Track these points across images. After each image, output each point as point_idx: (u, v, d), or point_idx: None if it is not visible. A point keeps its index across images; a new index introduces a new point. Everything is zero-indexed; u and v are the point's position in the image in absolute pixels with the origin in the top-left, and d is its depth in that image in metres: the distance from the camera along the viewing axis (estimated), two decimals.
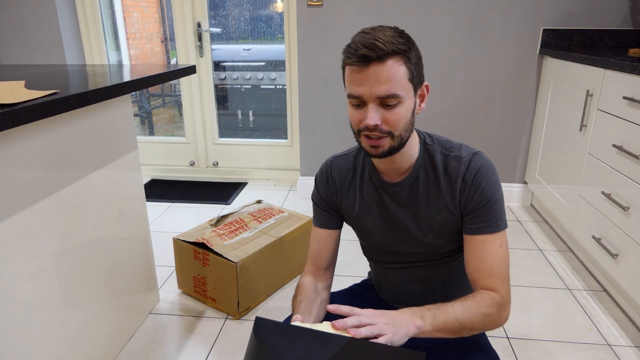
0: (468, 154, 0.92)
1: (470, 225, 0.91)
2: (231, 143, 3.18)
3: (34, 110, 0.90)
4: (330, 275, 1.09)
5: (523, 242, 2.24)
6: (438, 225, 0.95)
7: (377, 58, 0.80)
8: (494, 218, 0.90)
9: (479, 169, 0.90)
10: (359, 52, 0.80)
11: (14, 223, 1.04)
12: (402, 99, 0.83)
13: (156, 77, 1.41)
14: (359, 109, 0.85)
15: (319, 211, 1.07)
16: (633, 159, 1.55)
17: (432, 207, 0.94)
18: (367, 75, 0.81)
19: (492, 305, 0.85)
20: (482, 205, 0.89)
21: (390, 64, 0.81)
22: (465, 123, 2.60)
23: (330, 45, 2.53)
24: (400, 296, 1.09)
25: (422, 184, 0.94)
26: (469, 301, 0.85)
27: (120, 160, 1.47)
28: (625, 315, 1.69)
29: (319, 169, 1.07)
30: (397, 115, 0.84)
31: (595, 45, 2.39)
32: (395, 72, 0.81)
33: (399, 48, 0.81)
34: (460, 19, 2.43)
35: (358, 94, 0.83)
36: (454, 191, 0.91)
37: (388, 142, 0.86)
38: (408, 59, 0.83)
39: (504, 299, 0.87)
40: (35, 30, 2.77)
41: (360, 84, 0.82)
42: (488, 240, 0.89)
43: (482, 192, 0.89)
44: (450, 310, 0.82)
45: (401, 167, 0.94)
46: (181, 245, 1.76)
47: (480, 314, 0.83)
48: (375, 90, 0.81)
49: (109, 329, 1.45)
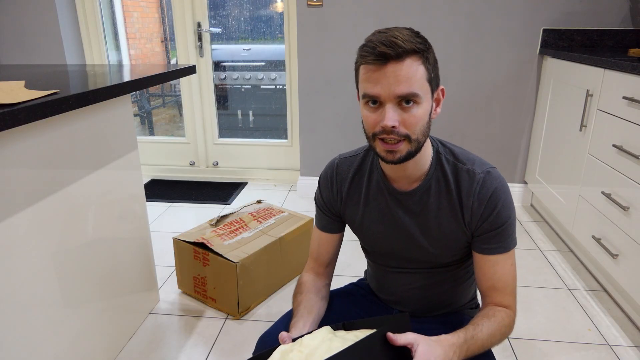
0: (481, 170, 0.90)
1: (482, 245, 0.91)
2: (231, 143, 3.18)
3: (34, 110, 0.90)
4: (331, 272, 1.10)
5: (523, 242, 2.24)
6: (446, 238, 0.93)
7: (396, 56, 0.77)
8: (507, 239, 0.90)
9: (495, 190, 0.88)
10: (377, 49, 0.77)
11: (14, 223, 1.04)
12: (420, 100, 0.80)
13: (156, 77, 1.41)
14: (374, 110, 0.82)
15: (321, 214, 1.06)
16: (633, 159, 1.55)
17: (442, 220, 0.92)
18: (385, 74, 0.78)
19: (509, 325, 0.89)
20: (497, 227, 0.89)
21: (408, 63, 0.78)
22: (465, 123, 2.60)
23: (330, 45, 2.53)
24: (399, 298, 1.08)
25: (434, 196, 0.92)
26: (492, 323, 0.86)
27: (120, 160, 1.47)
28: (625, 315, 1.68)
29: (323, 170, 1.05)
30: (415, 117, 0.80)
31: (595, 45, 2.38)
32: (414, 71, 0.78)
33: (418, 47, 0.79)
34: (460, 19, 2.43)
35: (375, 93, 0.80)
36: (466, 208, 0.90)
37: (405, 147, 0.82)
38: (426, 59, 0.81)
39: (515, 315, 0.92)
40: (35, 30, 2.77)
41: (378, 82, 0.79)
42: (501, 260, 0.90)
43: (498, 215, 0.88)
44: (480, 338, 0.83)
45: (413, 175, 0.92)
46: (181, 245, 1.76)
47: (499, 333, 0.87)
48: (394, 89, 0.78)
49: (109, 329, 1.45)
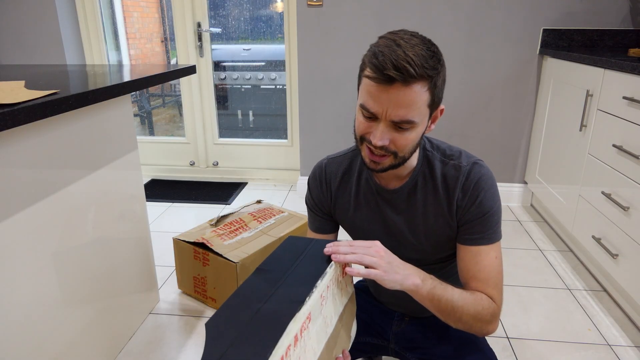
0: (467, 162, 0.90)
1: (465, 235, 0.90)
2: (231, 143, 3.18)
3: (34, 110, 0.90)
4: None
5: (523, 242, 2.24)
6: (434, 233, 0.94)
7: (402, 81, 0.74)
8: (490, 230, 0.89)
9: (479, 179, 0.88)
10: (385, 72, 0.73)
11: (14, 223, 1.04)
12: (416, 125, 0.79)
13: (156, 77, 1.41)
14: (368, 120, 0.81)
15: (313, 216, 1.06)
16: (633, 159, 1.55)
17: (429, 215, 0.93)
18: (388, 95, 0.76)
19: (488, 308, 0.85)
20: (480, 216, 0.88)
21: (414, 89, 0.75)
22: (465, 123, 2.60)
23: (330, 45, 2.53)
24: (396, 299, 1.08)
25: (420, 192, 0.93)
26: (468, 294, 0.85)
27: (120, 160, 1.47)
28: (625, 315, 1.68)
29: (311, 171, 1.04)
30: (406, 139, 0.80)
31: (595, 45, 2.38)
32: (418, 98, 0.76)
33: (429, 74, 0.75)
34: (460, 18, 2.43)
35: (373, 110, 0.78)
36: (452, 200, 0.90)
37: (389, 161, 0.83)
38: (434, 85, 0.78)
39: (498, 310, 0.87)
40: (35, 30, 2.77)
41: (377, 100, 0.77)
42: (483, 251, 0.88)
43: (481, 203, 0.88)
44: (450, 291, 0.83)
45: (400, 174, 0.93)
46: (181, 245, 1.76)
47: (474, 309, 0.84)
48: (391, 113, 0.77)
49: (109, 329, 1.45)
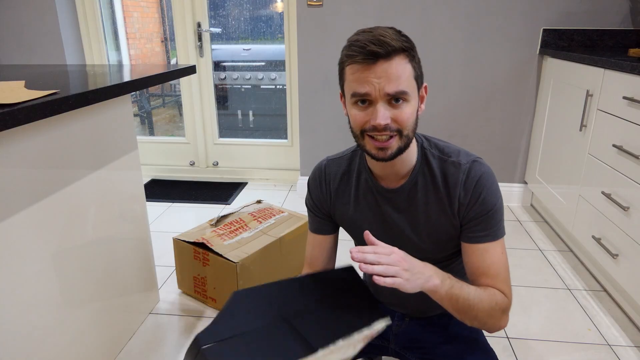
0: (467, 160, 0.90)
1: (470, 234, 0.90)
2: (231, 143, 3.18)
3: (34, 110, 0.90)
4: None
5: (523, 242, 2.24)
6: (436, 232, 0.94)
7: (385, 55, 0.78)
8: (495, 227, 0.89)
9: (480, 178, 0.88)
10: (367, 48, 0.77)
11: (14, 223, 1.04)
12: (409, 97, 0.81)
13: (156, 77, 1.41)
14: (364, 109, 0.82)
15: (313, 217, 1.06)
16: (633, 159, 1.55)
17: (430, 214, 0.93)
18: (375, 72, 0.79)
19: (501, 303, 0.87)
20: (483, 214, 0.88)
21: (397, 61, 0.79)
22: (465, 123, 2.60)
23: (330, 45, 2.53)
24: (396, 299, 1.08)
25: (421, 191, 0.93)
26: (482, 290, 0.86)
27: (120, 160, 1.47)
28: (625, 315, 1.68)
29: (311, 173, 1.05)
30: (405, 113, 0.81)
31: (595, 45, 2.38)
32: (402, 69, 0.80)
33: (405, 45, 0.80)
34: (460, 19, 2.43)
35: (365, 92, 0.80)
36: (453, 199, 0.90)
37: (396, 143, 0.83)
38: (413, 57, 0.82)
39: (510, 304, 0.89)
40: (35, 30, 2.77)
41: (367, 81, 0.79)
42: (490, 248, 0.89)
43: (483, 201, 0.88)
44: (466, 289, 0.84)
45: (400, 172, 0.93)
46: (181, 245, 1.76)
47: (489, 305, 0.85)
48: (384, 88, 0.79)
49: (109, 329, 1.45)
